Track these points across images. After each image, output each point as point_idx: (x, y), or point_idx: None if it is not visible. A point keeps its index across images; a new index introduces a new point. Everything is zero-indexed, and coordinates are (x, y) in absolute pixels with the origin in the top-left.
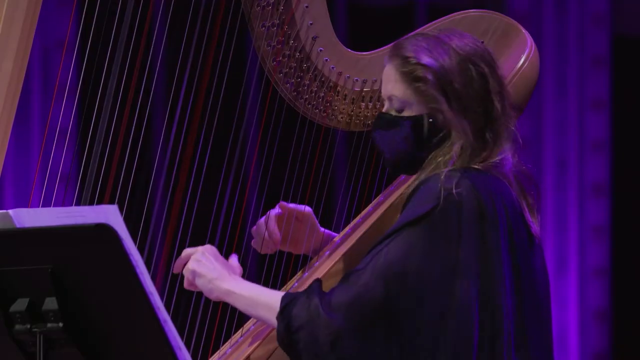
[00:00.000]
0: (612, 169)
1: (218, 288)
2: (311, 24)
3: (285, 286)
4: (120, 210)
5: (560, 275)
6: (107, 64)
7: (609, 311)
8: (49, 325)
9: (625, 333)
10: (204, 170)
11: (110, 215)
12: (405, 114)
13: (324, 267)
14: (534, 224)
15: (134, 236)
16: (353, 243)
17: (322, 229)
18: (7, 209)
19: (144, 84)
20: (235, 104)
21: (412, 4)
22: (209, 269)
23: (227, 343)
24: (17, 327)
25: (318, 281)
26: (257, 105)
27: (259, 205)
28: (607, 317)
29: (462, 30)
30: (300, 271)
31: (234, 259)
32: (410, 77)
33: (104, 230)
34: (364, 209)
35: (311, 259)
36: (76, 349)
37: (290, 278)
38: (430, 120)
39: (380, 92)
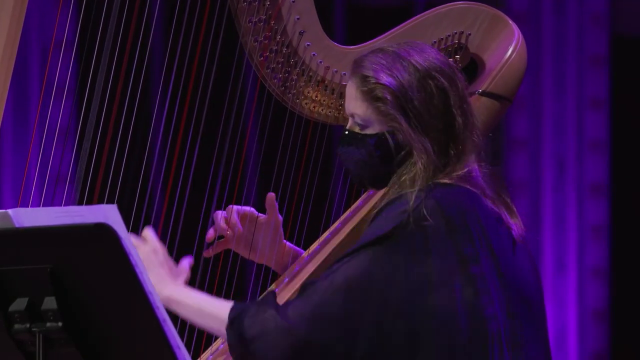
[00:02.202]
0: (611, 169)
1: (159, 294)
2: (298, 18)
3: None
4: (119, 209)
5: (559, 275)
6: (105, 63)
7: (607, 311)
8: (48, 324)
9: (624, 333)
10: (199, 168)
11: (109, 214)
12: (368, 132)
13: (296, 282)
14: (515, 225)
15: (132, 234)
16: (325, 257)
17: (288, 244)
18: (5, 209)
19: (132, 80)
20: (227, 99)
21: (411, 4)
22: (152, 273)
23: (219, 339)
24: (17, 326)
25: (272, 293)
26: (245, 101)
27: (248, 203)
28: (606, 317)
29: (448, 23)
30: (273, 284)
31: (185, 263)
32: (370, 97)
33: (103, 230)
34: (348, 209)
35: (277, 274)
36: (75, 348)
37: (262, 291)
38: (391, 138)
39: None
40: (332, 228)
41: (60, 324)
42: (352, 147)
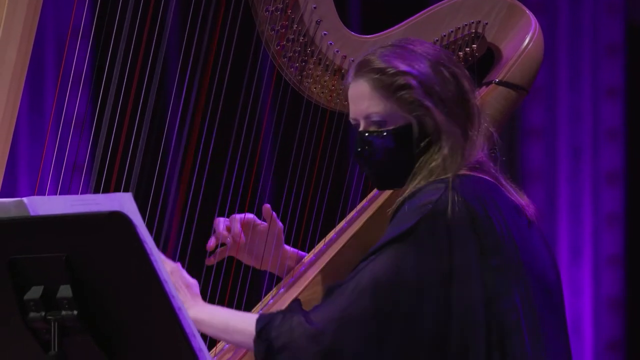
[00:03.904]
0: (627, 157)
1: None
2: (315, 7)
3: (260, 303)
4: (135, 198)
5: (575, 263)
6: (121, 52)
7: (623, 299)
8: (63, 312)
9: None
10: (216, 157)
11: (124, 203)
12: (390, 126)
13: (301, 283)
14: (527, 205)
15: (147, 224)
16: (329, 259)
17: (290, 248)
18: (21, 197)
19: (148, 69)
20: (243, 88)
21: None
22: None
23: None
24: (32, 314)
25: (297, 301)
26: (262, 90)
27: (263, 194)
28: (621, 306)
29: (464, 12)
30: (275, 288)
31: (187, 276)
32: (391, 89)
33: (118, 218)
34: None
35: (279, 277)
36: (90, 336)
37: (265, 295)
38: (419, 126)
39: None
40: (337, 227)
41: (75, 312)
42: (373, 146)
